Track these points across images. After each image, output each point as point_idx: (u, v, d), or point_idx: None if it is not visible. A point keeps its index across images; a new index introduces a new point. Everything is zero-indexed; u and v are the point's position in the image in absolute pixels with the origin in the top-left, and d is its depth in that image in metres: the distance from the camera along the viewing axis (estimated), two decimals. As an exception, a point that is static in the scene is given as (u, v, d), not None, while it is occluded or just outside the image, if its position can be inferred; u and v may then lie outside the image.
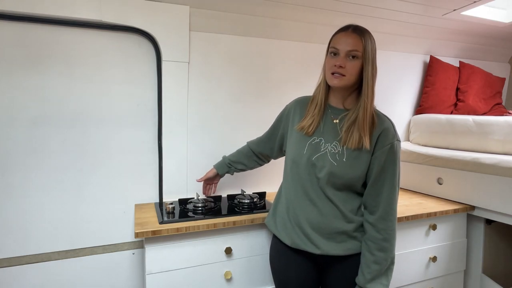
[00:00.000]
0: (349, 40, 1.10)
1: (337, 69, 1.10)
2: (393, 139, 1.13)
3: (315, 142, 1.19)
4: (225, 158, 1.63)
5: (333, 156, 1.15)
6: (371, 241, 1.15)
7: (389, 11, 1.95)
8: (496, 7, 2.14)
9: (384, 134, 1.13)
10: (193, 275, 1.42)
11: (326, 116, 1.20)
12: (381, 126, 1.14)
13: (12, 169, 1.51)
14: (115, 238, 1.70)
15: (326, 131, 1.19)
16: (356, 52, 1.09)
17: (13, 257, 1.53)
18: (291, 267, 1.27)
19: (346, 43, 1.10)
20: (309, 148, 1.19)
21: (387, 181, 1.13)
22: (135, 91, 1.69)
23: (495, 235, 1.82)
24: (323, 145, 1.17)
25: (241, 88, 1.88)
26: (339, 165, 1.13)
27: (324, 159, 1.15)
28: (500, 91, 2.56)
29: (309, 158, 1.18)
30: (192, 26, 1.71)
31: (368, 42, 1.11)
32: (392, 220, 1.14)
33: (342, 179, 1.14)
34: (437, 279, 1.74)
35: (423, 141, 2.20)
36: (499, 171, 1.61)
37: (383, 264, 1.13)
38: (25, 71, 1.50)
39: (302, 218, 1.20)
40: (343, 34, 1.12)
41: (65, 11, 1.47)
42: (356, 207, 1.19)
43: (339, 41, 1.12)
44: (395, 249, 1.16)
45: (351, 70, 1.10)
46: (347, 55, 1.10)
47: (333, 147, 1.15)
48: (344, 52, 1.10)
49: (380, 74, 2.25)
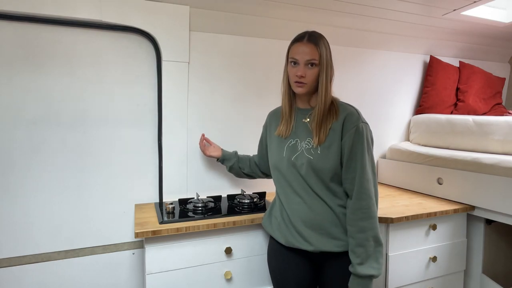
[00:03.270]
0: (307, 50, 1.18)
1: (299, 79, 1.19)
2: (358, 121, 1.19)
3: (292, 144, 1.26)
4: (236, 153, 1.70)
5: (308, 152, 1.21)
6: (350, 225, 1.17)
7: (389, 11, 1.95)
8: (496, 7, 2.14)
9: (348, 118, 1.19)
10: (193, 275, 1.42)
11: (298, 118, 1.29)
12: (344, 112, 1.21)
13: (12, 169, 1.51)
14: (115, 238, 1.70)
15: (299, 132, 1.27)
16: (314, 61, 1.18)
17: (13, 257, 1.53)
18: (287, 266, 1.28)
19: (304, 53, 1.18)
20: (287, 150, 1.26)
21: (358, 163, 1.17)
22: (135, 91, 1.69)
23: (495, 235, 1.82)
24: (299, 145, 1.25)
25: (241, 88, 1.88)
26: (315, 158, 1.19)
27: (302, 156, 1.22)
28: (500, 91, 2.56)
29: (289, 159, 1.25)
30: (192, 26, 1.71)
31: (323, 49, 1.19)
32: (366, 199, 1.15)
33: (322, 171, 1.18)
34: (437, 279, 1.74)
35: (423, 141, 2.20)
36: (499, 171, 1.61)
37: (368, 246, 1.14)
38: (25, 71, 1.50)
39: (294, 216, 1.23)
40: (299, 44, 1.20)
41: (65, 11, 1.47)
42: (344, 202, 1.21)
43: (297, 51, 1.20)
44: (377, 229, 1.16)
45: (311, 77, 1.19)
46: (306, 64, 1.19)
47: (307, 143, 1.23)
48: (303, 62, 1.18)
49: (380, 74, 2.28)
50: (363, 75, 2.22)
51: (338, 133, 1.19)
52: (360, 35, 2.12)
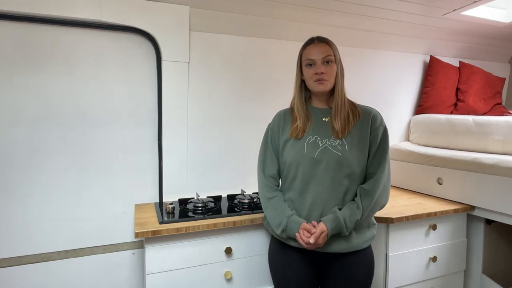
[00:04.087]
0: (321, 49, 1.22)
1: (320, 76, 1.21)
2: (383, 121, 1.29)
3: (312, 141, 1.25)
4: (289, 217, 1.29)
5: (335, 148, 1.22)
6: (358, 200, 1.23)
7: (389, 11, 1.95)
8: (496, 7, 2.14)
9: (375, 118, 1.27)
10: (193, 275, 1.42)
11: (315, 117, 1.29)
12: (369, 112, 1.28)
13: (12, 169, 1.51)
14: (115, 238, 1.70)
15: (318, 130, 1.27)
16: (330, 57, 1.22)
17: (13, 257, 1.53)
18: (289, 266, 1.27)
19: (319, 52, 1.22)
20: (308, 147, 1.24)
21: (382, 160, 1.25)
22: (135, 91, 1.69)
23: (495, 235, 1.82)
24: (320, 141, 1.24)
25: (241, 88, 1.88)
26: (344, 154, 1.21)
27: (327, 153, 1.22)
28: (500, 91, 2.56)
29: (311, 156, 1.23)
30: (192, 26, 1.71)
31: (334, 48, 1.26)
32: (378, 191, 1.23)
33: (350, 166, 1.21)
34: (437, 279, 1.74)
35: (423, 141, 2.20)
36: (499, 171, 1.61)
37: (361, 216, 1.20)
38: (25, 71, 1.50)
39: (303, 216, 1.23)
40: (312, 46, 1.25)
41: (65, 11, 1.47)
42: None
43: (311, 52, 1.23)
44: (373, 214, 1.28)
45: (331, 73, 1.23)
46: (323, 62, 1.22)
47: (332, 141, 1.24)
48: (320, 60, 1.22)
49: (380, 74, 2.28)
50: (363, 75, 2.22)
51: (365, 131, 1.24)
52: (360, 35, 2.12)
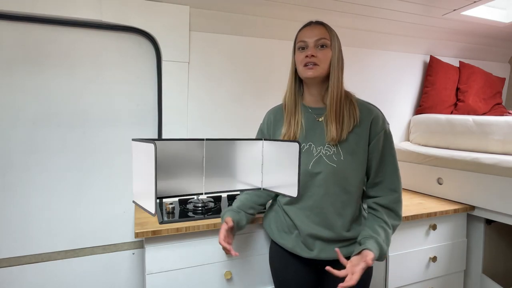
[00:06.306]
0: (316, 31, 1.09)
1: (309, 59, 1.08)
2: (384, 124, 1.13)
3: (306, 148, 1.15)
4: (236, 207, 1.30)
5: (330, 159, 1.11)
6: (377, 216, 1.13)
7: (389, 11, 1.95)
8: (496, 7, 2.14)
9: (375, 122, 1.11)
10: (193, 275, 1.42)
11: (308, 118, 1.16)
12: (369, 115, 1.12)
13: (12, 169, 1.51)
14: (115, 238, 1.70)
15: (312, 135, 1.15)
16: (325, 40, 1.08)
17: (13, 257, 1.53)
18: (289, 268, 1.26)
19: (313, 33, 1.09)
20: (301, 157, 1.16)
21: (388, 168, 1.14)
22: (135, 91, 1.69)
23: (495, 235, 1.82)
24: (314, 150, 1.13)
25: (241, 88, 1.88)
26: (340, 165, 1.10)
27: (322, 164, 1.12)
28: (500, 91, 2.56)
29: (305, 168, 1.13)
30: (192, 26, 1.71)
31: (333, 33, 1.11)
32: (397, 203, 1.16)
33: (347, 179, 1.11)
34: (437, 279, 1.74)
35: (423, 141, 2.20)
36: (499, 171, 1.61)
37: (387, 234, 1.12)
38: (25, 71, 1.50)
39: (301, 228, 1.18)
40: (307, 28, 1.12)
41: (65, 11, 1.47)
42: (355, 215, 1.18)
43: (305, 34, 1.11)
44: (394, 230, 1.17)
45: (323, 58, 1.08)
46: (316, 45, 1.09)
47: (327, 149, 1.12)
48: (313, 42, 1.08)
49: (380, 74, 2.28)
50: (363, 75, 2.22)
51: (364, 138, 1.10)
52: (360, 35, 2.12)
